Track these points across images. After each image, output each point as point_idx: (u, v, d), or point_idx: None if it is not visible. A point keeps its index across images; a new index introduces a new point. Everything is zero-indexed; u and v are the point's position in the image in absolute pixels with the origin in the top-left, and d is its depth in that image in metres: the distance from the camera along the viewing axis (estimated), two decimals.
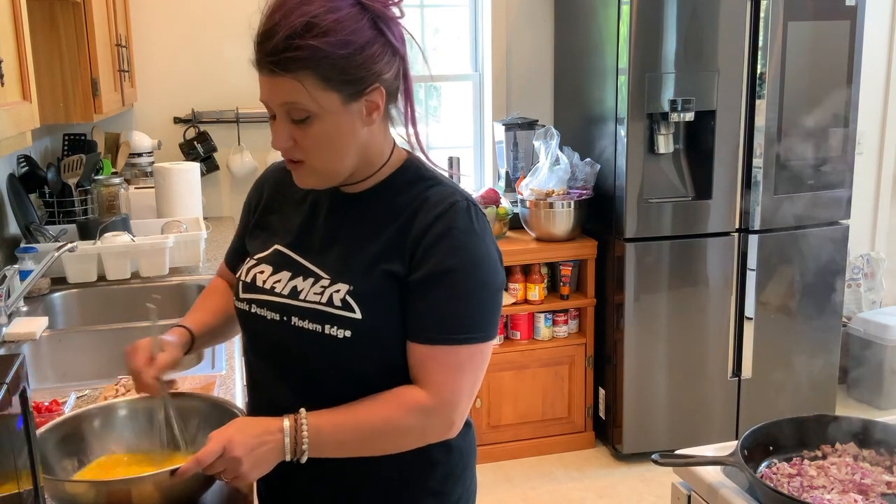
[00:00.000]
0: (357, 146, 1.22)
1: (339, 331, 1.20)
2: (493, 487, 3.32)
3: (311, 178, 1.24)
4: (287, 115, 1.18)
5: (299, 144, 1.20)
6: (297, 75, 1.14)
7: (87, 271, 2.56)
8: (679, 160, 3.37)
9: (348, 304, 1.21)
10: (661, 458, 1.46)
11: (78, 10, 2.43)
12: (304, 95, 1.15)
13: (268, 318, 1.28)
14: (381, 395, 1.21)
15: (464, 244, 1.21)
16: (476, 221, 1.24)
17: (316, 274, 1.26)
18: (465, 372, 1.22)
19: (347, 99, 1.17)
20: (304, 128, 1.18)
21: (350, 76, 1.16)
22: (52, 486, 1.22)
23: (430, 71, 1.26)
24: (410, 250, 1.21)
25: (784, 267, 3.40)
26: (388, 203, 1.27)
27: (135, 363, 1.31)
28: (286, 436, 1.16)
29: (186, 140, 3.54)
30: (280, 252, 1.32)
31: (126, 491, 1.19)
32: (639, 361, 3.36)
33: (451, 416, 1.22)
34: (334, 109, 1.17)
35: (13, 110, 1.56)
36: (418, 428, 1.22)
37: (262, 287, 1.30)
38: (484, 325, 1.23)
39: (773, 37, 3.18)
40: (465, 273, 1.21)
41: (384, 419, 1.20)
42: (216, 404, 1.42)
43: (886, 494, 1.38)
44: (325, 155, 1.21)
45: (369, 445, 1.22)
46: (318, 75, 1.14)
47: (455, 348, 1.21)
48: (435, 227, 1.21)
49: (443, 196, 1.24)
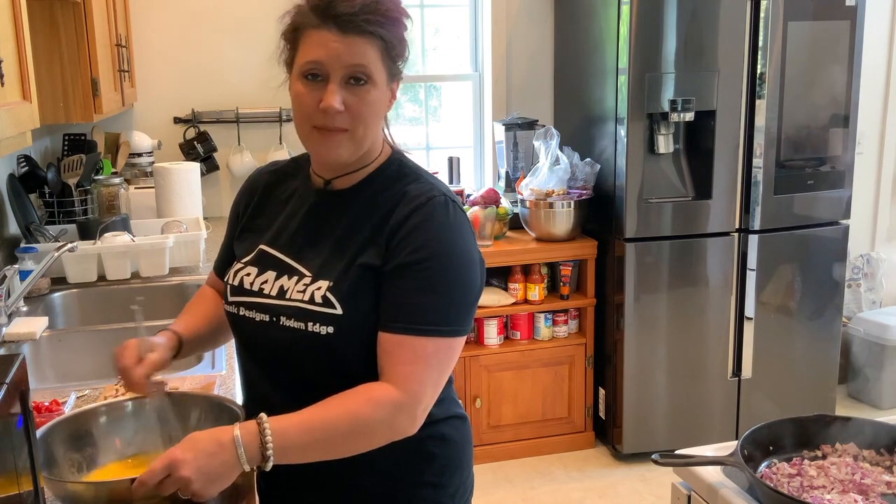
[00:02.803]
0: (378, 128, 1.28)
1: (321, 327, 1.22)
2: (493, 487, 3.32)
3: (346, 149, 1.24)
4: (346, 78, 1.20)
5: (350, 110, 1.21)
6: (371, 39, 1.19)
7: (87, 271, 2.56)
8: (679, 160, 3.37)
9: (329, 300, 1.22)
10: (661, 458, 1.46)
11: (78, 10, 2.43)
12: (374, 60, 1.20)
13: (256, 319, 1.29)
14: (345, 393, 1.20)
15: (438, 237, 1.23)
16: (453, 216, 1.25)
17: (299, 272, 1.28)
18: (431, 366, 1.21)
19: (389, 79, 1.25)
20: (360, 92, 1.21)
21: (400, 57, 1.25)
22: (53, 486, 1.23)
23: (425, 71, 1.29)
24: (386, 241, 1.24)
25: (784, 267, 3.40)
26: (369, 199, 1.29)
27: (123, 361, 1.31)
28: (238, 447, 1.12)
29: (186, 140, 3.54)
30: (264, 251, 1.33)
31: (126, 489, 1.19)
32: (639, 361, 3.36)
33: (415, 411, 1.20)
34: (384, 84, 1.24)
35: (13, 110, 1.56)
36: (386, 422, 1.19)
37: (249, 289, 1.31)
38: (452, 319, 1.22)
39: (773, 37, 3.18)
40: (437, 265, 1.22)
41: (351, 415, 1.17)
42: (215, 402, 1.42)
43: (886, 494, 1.38)
44: (368, 124, 1.24)
45: (337, 445, 1.19)
46: (384, 46, 1.21)
47: (422, 339, 1.20)
48: (411, 220, 1.23)
49: (421, 191, 1.27)
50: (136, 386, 1.31)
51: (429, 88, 4.05)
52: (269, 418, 1.15)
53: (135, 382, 1.30)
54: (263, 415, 1.16)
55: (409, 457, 1.30)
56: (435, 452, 1.32)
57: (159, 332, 1.38)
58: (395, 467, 1.30)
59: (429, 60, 4.00)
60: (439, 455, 1.33)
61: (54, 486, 1.23)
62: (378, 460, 1.26)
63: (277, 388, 1.29)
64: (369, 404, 1.18)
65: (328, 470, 1.27)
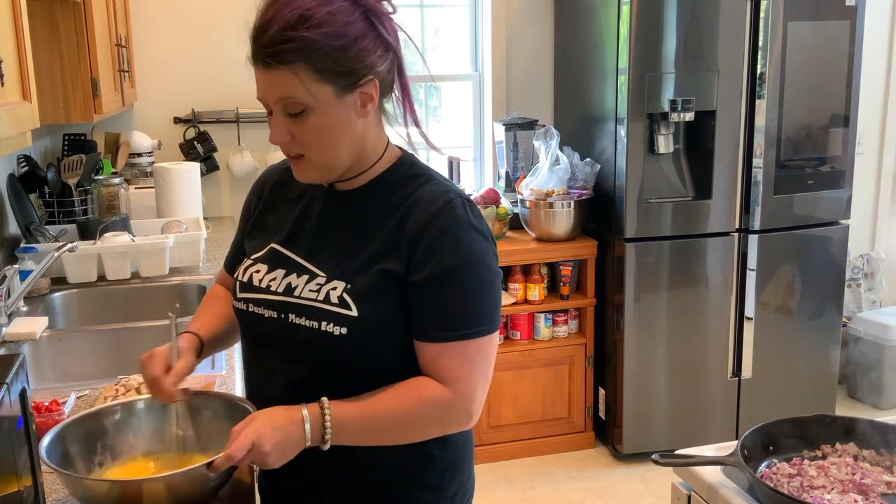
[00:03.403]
0: (353, 138, 1.24)
1: (335, 327, 1.22)
2: (493, 487, 3.32)
3: (310, 172, 1.27)
4: (284, 110, 1.20)
5: (297, 138, 1.22)
6: (292, 67, 1.16)
7: (87, 271, 2.56)
8: (679, 160, 3.37)
9: (345, 301, 1.23)
10: (661, 458, 1.46)
11: (78, 10, 2.43)
12: (300, 88, 1.17)
13: (265, 315, 1.29)
14: (401, 386, 1.24)
15: (464, 241, 1.23)
16: (473, 217, 1.26)
17: (311, 271, 1.28)
18: (477, 364, 1.25)
19: (342, 91, 1.20)
20: (301, 121, 1.20)
21: (343, 68, 1.18)
22: (70, 483, 1.23)
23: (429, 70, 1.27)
24: (408, 250, 1.23)
25: (784, 267, 3.40)
26: (381, 200, 1.28)
27: (152, 371, 1.31)
28: (306, 424, 1.18)
29: (186, 140, 3.54)
30: (275, 250, 1.34)
31: (138, 489, 1.20)
32: (639, 361, 3.36)
33: (469, 407, 1.25)
34: (329, 101, 1.19)
35: (13, 110, 1.56)
36: (437, 420, 1.25)
37: (258, 286, 1.31)
38: (489, 316, 1.25)
39: (773, 37, 3.18)
40: (468, 270, 1.23)
41: (405, 412, 1.23)
42: (228, 402, 1.42)
43: (886, 494, 1.38)
44: (322, 148, 1.23)
45: (390, 436, 1.25)
46: (313, 67, 1.16)
47: (465, 343, 1.23)
48: (432, 226, 1.23)
49: (437, 194, 1.26)
50: (165, 396, 1.31)
51: (429, 88, 4.05)
52: (330, 402, 1.20)
53: (164, 392, 1.31)
54: (325, 399, 1.20)
55: (413, 458, 1.31)
56: (435, 454, 1.32)
57: (179, 335, 1.38)
58: (397, 468, 1.31)
59: (429, 60, 4.00)
60: (439, 457, 1.33)
61: (71, 483, 1.24)
62: (381, 461, 1.28)
63: (282, 385, 1.29)
64: (421, 402, 1.23)
65: (331, 471, 1.29)
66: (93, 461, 1.35)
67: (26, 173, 2.86)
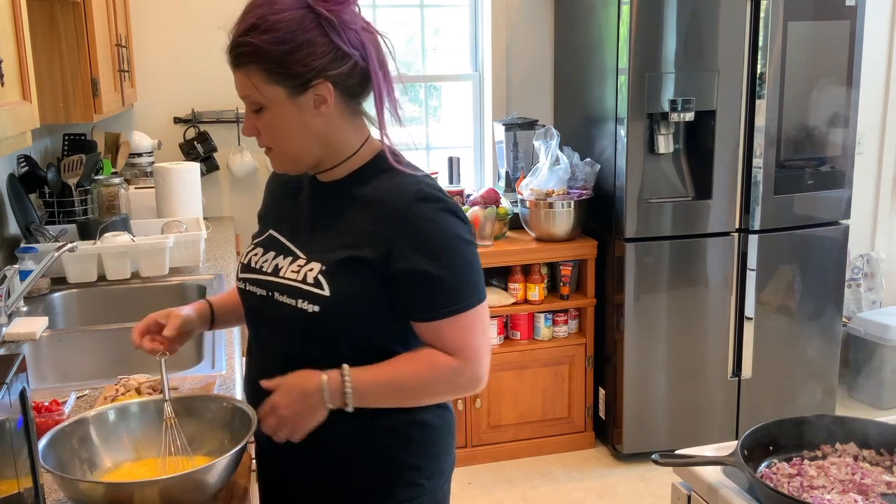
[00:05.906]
0: (313, 135, 1.34)
1: (309, 305, 1.33)
2: (493, 487, 3.32)
3: (280, 163, 1.39)
4: (249, 107, 1.33)
5: (262, 133, 1.35)
6: (246, 69, 1.29)
7: (87, 271, 2.56)
8: (679, 160, 3.37)
9: (319, 281, 1.33)
10: (661, 458, 1.46)
11: (78, 10, 2.43)
12: (253, 88, 1.30)
13: (257, 294, 1.42)
14: (414, 355, 1.36)
15: (440, 223, 1.32)
16: (445, 200, 1.35)
17: (294, 253, 1.39)
18: (476, 332, 1.36)
19: (293, 91, 1.29)
20: (261, 118, 1.33)
21: (291, 71, 1.28)
22: (66, 486, 1.23)
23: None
24: (385, 238, 1.31)
25: (784, 267, 3.40)
26: (359, 191, 1.37)
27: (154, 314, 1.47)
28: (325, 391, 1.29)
29: (186, 140, 3.54)
30: (272, 236, 1.47)
31: (131, 493, 1.20)
32: (639, 361, 3.36)
33: (477, 371, 1.37)
34: (281, 101, 1.30)
35: (13, 110, 1.56)
36: (448, 383, 1.37)
37: (254, 267, 1.44)
38: (476, 287, 1.37)
39: (773, 37, 3.18)
40: (450, 248, 1.33)
41: (416, 376, 1.35)
42: (224, 405, 1.43)
43: (886, 494, 1.38)
44: (282, 142, 1.34)
45: (406, 397, 1.37)
46: (262, 69, 1.28)
47: (458, 317, 1.33)
48: (409, 214, 1.31)
49: (410, 183, 1.35)
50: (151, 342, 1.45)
51: (429, 88, 4.05)
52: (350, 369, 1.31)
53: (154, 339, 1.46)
54: (346, 365, 1.31)
55: (392, 440, 1.41)
56: (413, 437, 1.42)
57: (191, 304, 1.55)
58: (382, 450, 1.41)
59: (429, 60, 4.00)
60: (417, 439, 1.42)
61: (67, 486, 1.24)
62: (366, 446, 1.40)
63: (272, 357, 1.41)
64: (431, 368, 1.34)
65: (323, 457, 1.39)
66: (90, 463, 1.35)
67: (26, 173, 2.86)
